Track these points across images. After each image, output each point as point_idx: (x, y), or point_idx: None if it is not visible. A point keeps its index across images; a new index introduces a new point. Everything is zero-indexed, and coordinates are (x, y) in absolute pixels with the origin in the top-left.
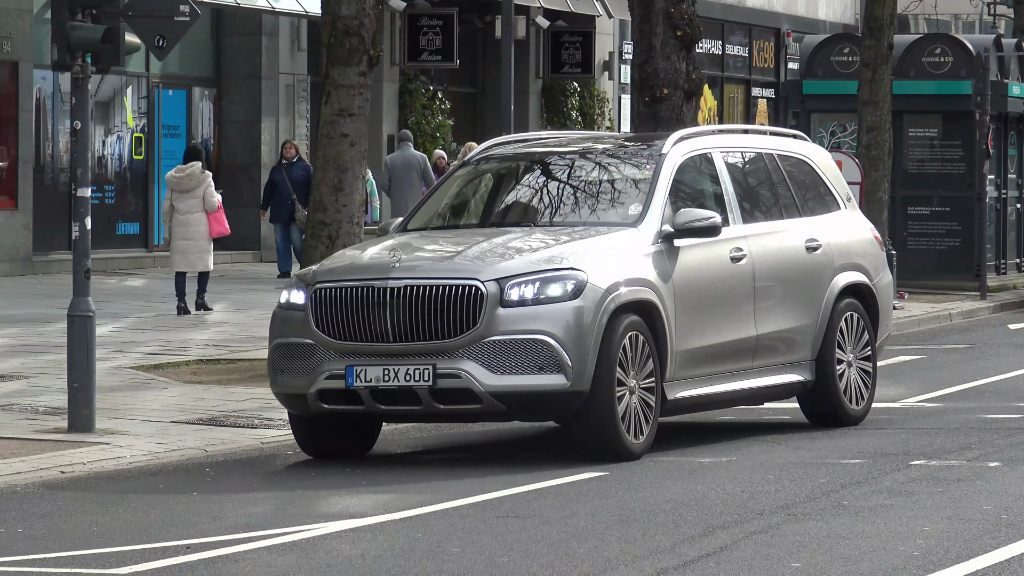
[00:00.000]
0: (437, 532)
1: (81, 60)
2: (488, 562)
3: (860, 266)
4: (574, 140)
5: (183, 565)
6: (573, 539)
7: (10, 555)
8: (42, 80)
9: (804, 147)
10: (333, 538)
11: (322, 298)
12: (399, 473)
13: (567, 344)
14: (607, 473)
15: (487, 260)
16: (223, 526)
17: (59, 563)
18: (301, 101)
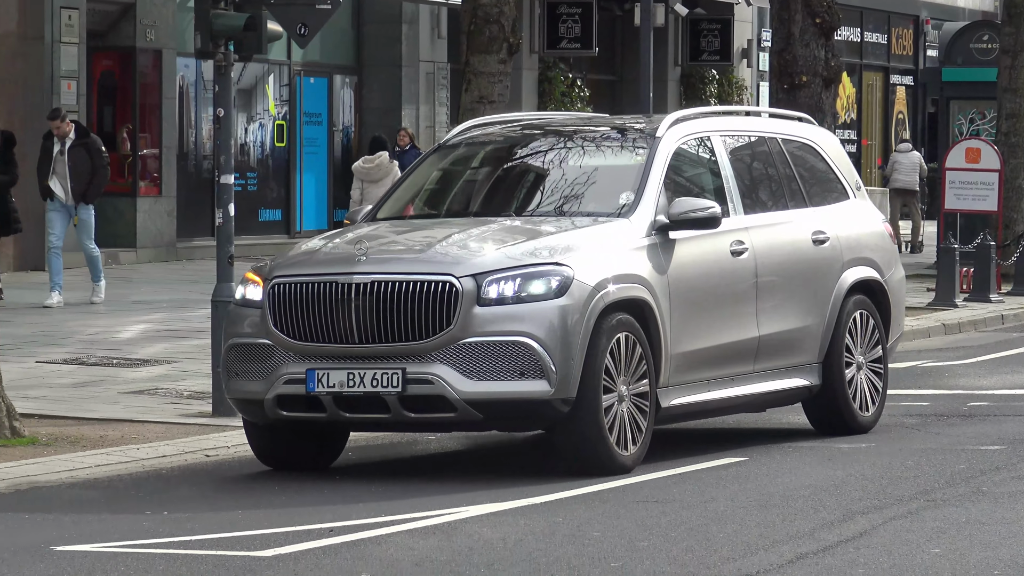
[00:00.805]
0: (577, 516)
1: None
2: (628, 546)
3: (871, 260)
4: (562, 121)
5: (326, 548)
6: (713, 524)
7: (156, 537)
8: (185, 68)
9: (810, 131)
10: (474, 522)
11: (280, 294)
12: (537, 459)
13: (551, 347)
14: (747, 459)
15: (463, 254)
16: (365, 510)
17: (204, 545)
18: (441, 89)
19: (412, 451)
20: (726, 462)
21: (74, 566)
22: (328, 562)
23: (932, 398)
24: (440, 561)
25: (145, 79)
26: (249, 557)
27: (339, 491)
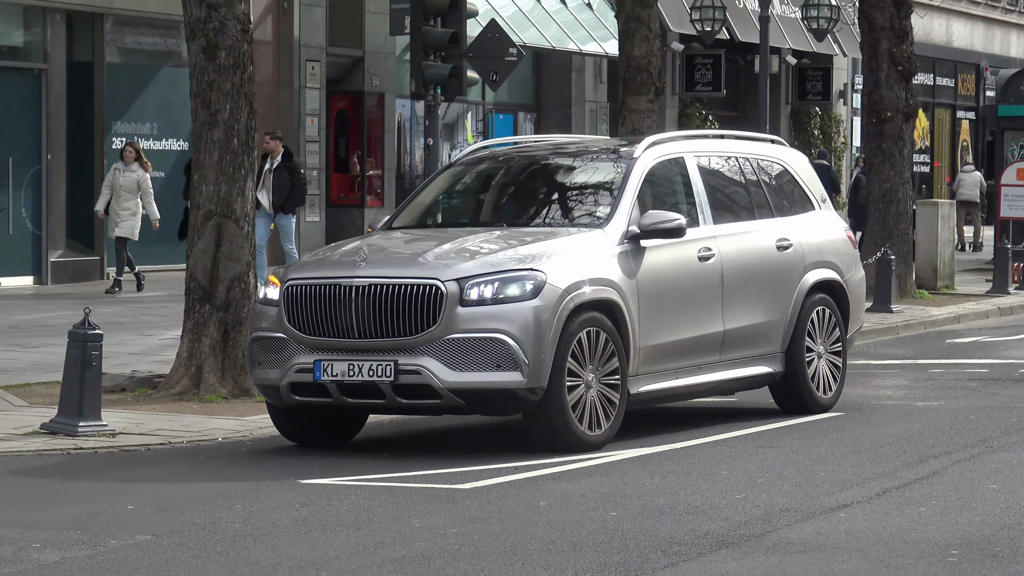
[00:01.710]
0: (709, 459)
1: (433, 91)
2: (749, 482)
3: (831, 263)
4: (557, 144)
5: (512, 482)
6: (816, 465)
7: (379, 473)
8: (402, 107)
9: (781, 151)
10: (626, 463)
11: (293, 294)
12: (678, 412)
13: (524, 342)
14: (843, 414)
15: (449, 260)
16: (541, 454)
17: (416, 480)
18: (602, 123)
19: None
20: (827, 416)
21: (315, 494)
22: (513, 493)
23: (990, 366)
24: (601, 492)
25: (371, 116)
26: (452, 489)
27: (517, 438)
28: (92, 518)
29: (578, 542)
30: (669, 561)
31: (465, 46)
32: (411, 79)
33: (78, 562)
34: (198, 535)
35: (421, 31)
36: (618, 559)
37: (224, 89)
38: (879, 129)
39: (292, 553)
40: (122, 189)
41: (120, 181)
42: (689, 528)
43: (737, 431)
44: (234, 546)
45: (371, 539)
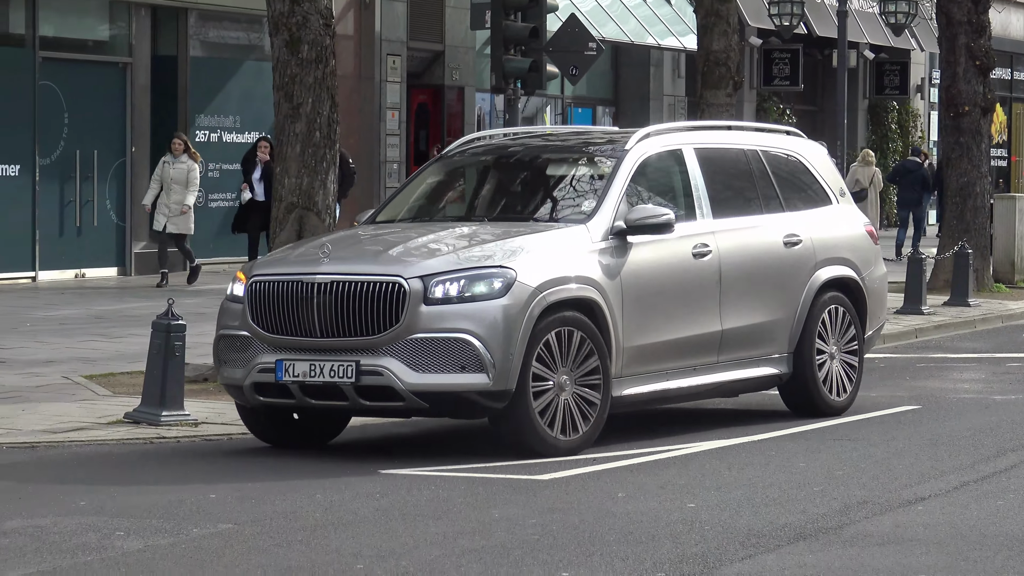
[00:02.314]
0: (787, 451)
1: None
2: (827, 475)
3: (847, 260)
4: (551, 136)
5: (590, 473)
6: (893, 457)
7: (458, 463)
8: (482, 101)
9: (796, 144)
10: (705, 455)
11: (256, 291)
12: (757, 404)
13: (490, 343)
14: (920, 407)
15: (415, 256)
16: (620, 445)
17: (495, 471)
18: (679, 116)
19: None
20: (904, 409)
21: (395, 484)
22: (592, 484)
23: None
24: (679, 484)
25: (451, 109)
26: (531, 480)
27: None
28: (175, 506)
29: (656, 533)
30: (747, 553)
31: (545, 40)
32: (491, 73)
33: (161, 550)
34: (279, 524)
35: (502, 25)
36: (696, 550)
37: (306, 83)
38: (956, 123)
39: (372, 542)
40: (172, 182)
41: (170, 174)
42: (767, 520)
43: (813, 424)
44: (315, 535)
45: (450, 529)
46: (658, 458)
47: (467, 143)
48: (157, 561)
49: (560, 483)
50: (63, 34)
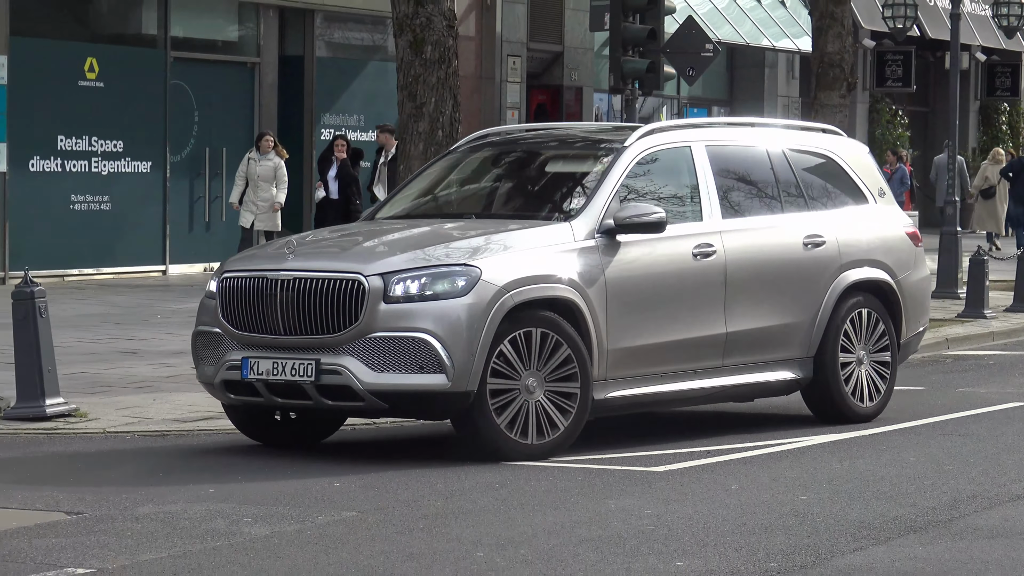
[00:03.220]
0: (897, 445)
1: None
2: (937, 469)
3: (879, 262)
4: (556, 133)
5: (704, 466)
6: (1003, 453)
7: (580, 455)
8: (599, 101)
9: (830, 141)
10: (817, 448)
11: (226, 287)
12: None
13: (449, 343)
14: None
15: (378, 253)
16: (734, 439)
17: (613, 462)
18: (793, 116)
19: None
20: (1013, 406)
21: (514, 475)
22: (706, 476)
23: None
24: (791, 477)
25: (569, 109)
26: (646, 472)
27: (710, 423)
28: (300, 494)
29: (769, 525)
30: (858, 545)
31: (663, 42)
32: (609, 73)
33: (287, 536)
34: (401, 512)
35: (620, 27)
36: (808, 542)
37: (430, 83)
38: None
39: (492, 531)
40: (259, 179)
41: (257, 170)
42: (877, 513)
43: (923, 419)
44: (436, 523)
45: (568, 519)
46: (771, 451)
47: (477, 138)
48: (283, 547)
49: (675, 475)
50: (193, 35)
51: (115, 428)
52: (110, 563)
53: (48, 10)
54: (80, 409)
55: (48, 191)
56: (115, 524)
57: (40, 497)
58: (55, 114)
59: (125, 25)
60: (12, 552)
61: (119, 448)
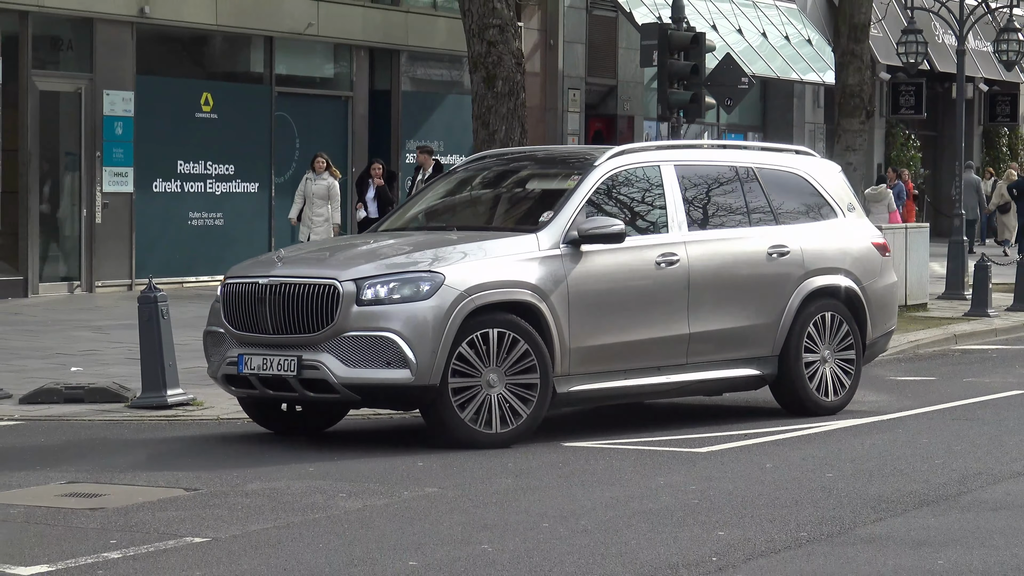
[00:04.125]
0: (911, 429)
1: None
2: (946, 450)
3: (844, 270)
4: (542, 154)
5: (741, 447)
6: (1005, 435)
7: (631, 437)
8: (649, 128)
9: (801, 161)
10: (840, 432)
11: (228, 292)
12: (889, 386)
13: (413, 342)
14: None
15: (354, 261)
16: (765, 423)
17: (661, 444)
18: (819, 141)
19: None
20: (1014, 393)
21: (575, 455)
22: (743, 456)
23: None
24: (818, 457)
25: (622, 136)
26: (691, 452)
27: (746, 411)
28: (388, 472)
29: (799, 499)
30: (878, 516)
31: (704, 76)
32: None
33: (376, 509)
34: (477, 488)
35: (667, 63)
36: (833, 514)
37: (500, 113)
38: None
39: (556, 505)
40: (315, 196)
41: (312, 189)
42: (895, 488)
43: (934, 406)
44: (507, 498)
45: (622, 494)
46: (800, 434)
47: (475, 159)
48: (374, 519)
49: (716, 455)
50: (295, 72)
51: (227, 415)
52: (223, 533)
53: (169, 52)
54: (197, 399)
55: (169, 209)
56: (227, 499)
57: (162, 475)
58: (175, 142)
59: (236, 64)
60: (138, 523)
61: (230, 433)
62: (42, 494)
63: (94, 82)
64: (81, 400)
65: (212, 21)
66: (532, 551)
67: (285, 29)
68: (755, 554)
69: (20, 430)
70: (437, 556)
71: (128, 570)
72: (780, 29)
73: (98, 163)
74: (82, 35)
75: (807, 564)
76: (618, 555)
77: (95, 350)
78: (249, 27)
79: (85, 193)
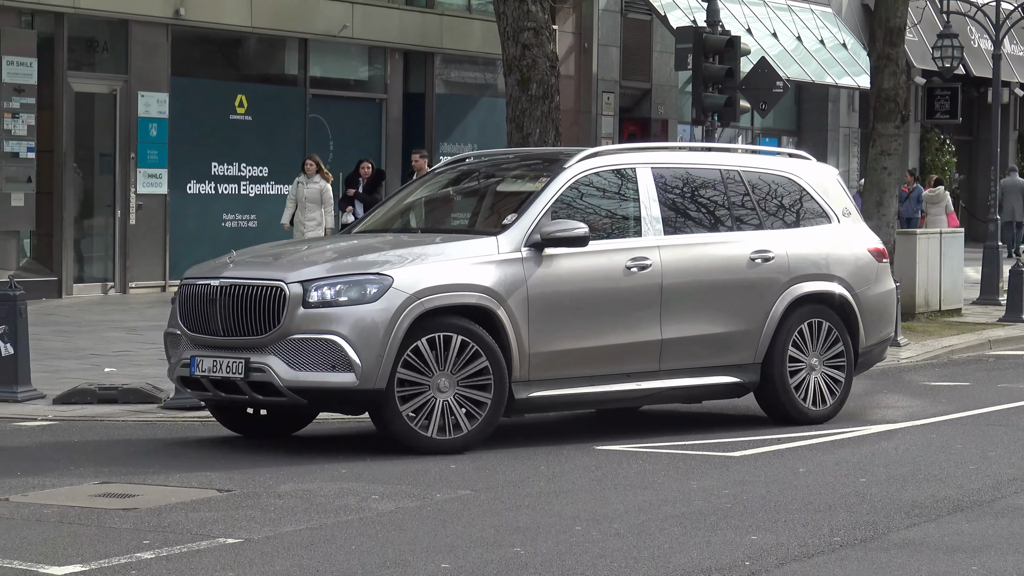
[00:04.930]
0: (946, 434)
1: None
2: (980, 455)
3: (836, 276)
4: (513, 156)
5: (774, 452)
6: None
7: (662, 441)
8: (683, 131)
9: (794, 165)
10: (874, 436)
11: (183, 293)
12: (923, 391)
13: (357, 345)
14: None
15: (304, 263)
16: (799, 429)
17: (693, 448)
18: (853, 145)
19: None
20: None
21: (608, 458)
22: (776, 460)
23: None
24: (852, 461)
25: (656, 139)
26: (724, 456)
27: None
28: (421, 474)
29: (832, 503)
30: (911, 522)
31: (739, 80)
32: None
33: (409, 511)
34: (509, 491)
35: (702, 67)
36: (867, 519)
37: (535, 116)
38: None
39: (588, 508)
40: (306, 200)
41: (304, 193)
42: (929, 493)
43: (968, 411)
44: (540, 500)
45: (655, 497)
46: (834, 439)
47: (453, 161)
48: (406, 521)
49: (749, 459)
50: (329, 75)
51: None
52: (256, 534)
53: (204, 53)
54: None
55: (203, 211)
56: (260, 500)
57: (195, 476)
58: (209, 144)
59: (270, 66)
60: (172, 524)
61: None
62: (75, 494)
63: (129, 83)
64: (114, 401)
65: (247, 23)
66: (564, 554)
67: (320, 31)
68: (788, 559)
69: (54, 430)
70: (469, 558)
71: (161, 570)
72: (815, 33)
73: (132, 164)
74: (117, 36)
75: (840, 569)
76: (651, 559)
77: (128, 351)
78: (284, 29)
79: (119, 194)
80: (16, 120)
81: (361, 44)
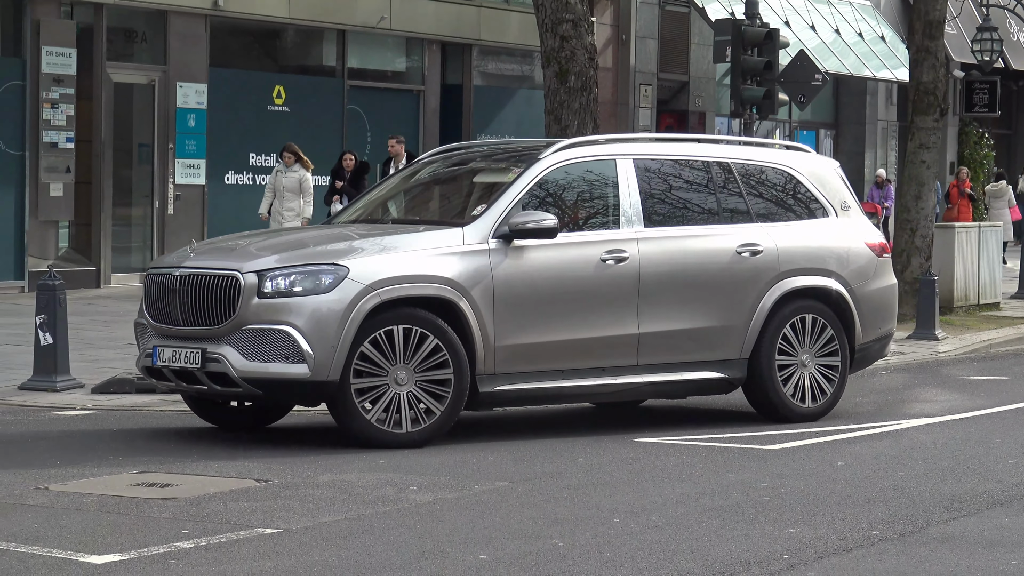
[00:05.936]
0: (985, 428)
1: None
2: (1020, 449)
3: (829, 271)
4: (494, 147)
5: (813, 445)
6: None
7: (700, 433)
8: (721, 124)
9: (790, 158)
10: (913, 430)
11: (148, 283)
12: (962, 385)
13: (311, 336)
14: None
15: (260, 253)
16: (838, 423)
17: (730, 440)
18: (891, 138)
19: (872, 380)
20: None
21: (646, 451)
22: (815, 453)
23: None
24: (890, 455)
25: (694, 131)
26: (762, 449)
27: None
28: (459, 466)
29: (871, 497)
30: (951, 516)
31: (778, 72)
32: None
33: (447, 503)
34: (547, 483)
35: (740, 59)
36: (906, 513)
37: (573, 108)
38: None
39: (626, 500)
40: (285, 190)
41: (283, 182)
42: (968, 488)
43: (1007, 406)
44: (577, 492)
45: (693, 490)
46: (873, 432)
47: (437, 152)
48: (444, 512)
49: (787, 452)
50: (367, 66)
51: (298, 407)
52: (294, 524)
53: (242, 45)
54: None
55: (241, 201)
56: (298, 490)
57: (233, 466)
58: (247, 135)
59: (308, 57)
60: (211, 514)
61: (301, 424)
62: (115, 483)
63: (167, 74)
64: (153, 390)
65: (285, 14)
66: (603, 546)
67: (357, 22)
68: (827, 552)
69: (93, 419)
70: (508, 550)
71: (200, 560)
72: (854, 26)
73: (171, 155)
74: (156, 27)
75: (879, 563)
76: (689, 551)
77: None
78: (322, 20)
79: (157, 185)
80: (55, 110)
81: (399, 35)
